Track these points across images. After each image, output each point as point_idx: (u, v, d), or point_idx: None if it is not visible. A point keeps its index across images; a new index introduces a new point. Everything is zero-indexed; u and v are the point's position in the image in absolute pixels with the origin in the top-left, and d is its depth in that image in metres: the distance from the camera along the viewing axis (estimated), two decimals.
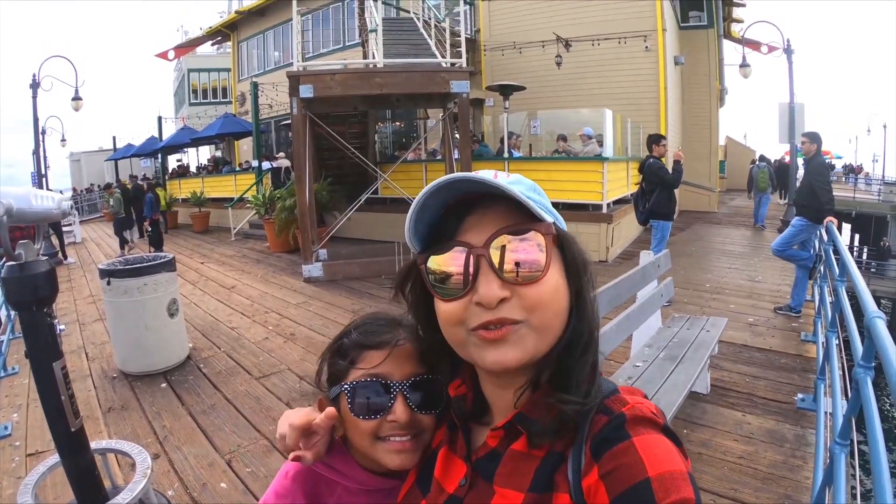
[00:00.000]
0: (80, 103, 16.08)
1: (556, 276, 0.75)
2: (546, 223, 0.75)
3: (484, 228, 0.76)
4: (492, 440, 0.81)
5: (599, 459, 0.66)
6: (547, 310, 0.74)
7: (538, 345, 0.74)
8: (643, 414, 0.69)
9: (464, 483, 0.81)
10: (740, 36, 15.45)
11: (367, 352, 0.96)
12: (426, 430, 0.94)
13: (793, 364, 5.07)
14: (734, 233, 14.03)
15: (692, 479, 0.63)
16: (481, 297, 0.73)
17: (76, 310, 8.20)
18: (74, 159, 36.24)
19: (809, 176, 6.43)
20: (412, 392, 0.93)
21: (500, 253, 0.73)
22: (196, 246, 14.96)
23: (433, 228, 0.81)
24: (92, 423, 4.32)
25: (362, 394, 0.93)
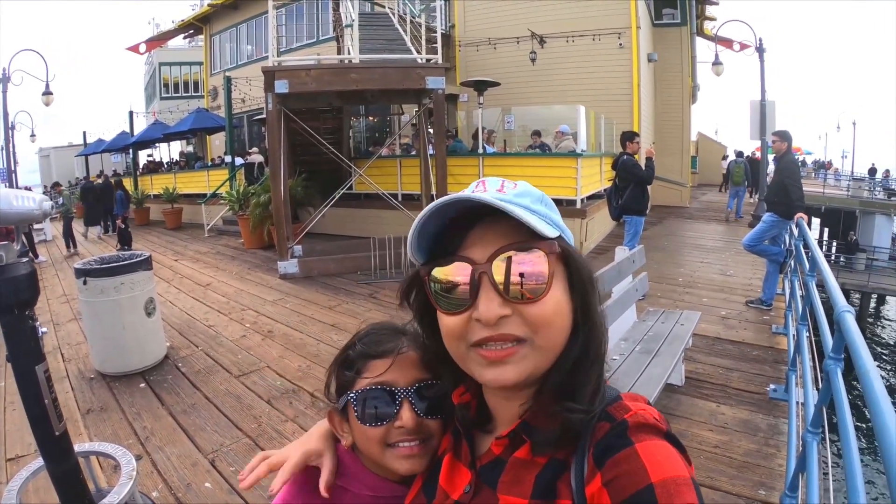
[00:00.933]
0: (51, 98, 15.82)
1: (559, 293, 0.76)
2: (549, 241, 0.75)
3: (487, 244, 0.76)
4: (496, 448, 0.82)
5: (602, 467, 0.67)
6: (550, 328, 0.74)
7: (539, 363, 0.75)
8: (645, 420, 0.70)
9: (468, 490, 0.82)
10: (713, 34, 15.67)
11: (372, 361, 0.98)
12: (433, 434, 0.96)
13: (764, 356, 5.20)
14: (706, 227, 14.25)
15: (695, 485, 0.63)
16: (481, 315, 0.73)
17: (50, 309, 8.07)
18: (44, 155, 35.55)
19: (780, 173, 6.56)
20: (417, 397, 0.95)
21: (502, 270, 0.74)
22: (169, 243, 14.78)
23: (437, 239, 0.81)
24: (71, 426, 4.25)
25: (369, 402, 0.96)
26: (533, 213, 0.77)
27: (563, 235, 0.80)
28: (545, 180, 10.83)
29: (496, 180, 0.82)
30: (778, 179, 6.59)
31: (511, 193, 0.78)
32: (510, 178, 0.76)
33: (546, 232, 0.74)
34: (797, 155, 43.69)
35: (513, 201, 0.76)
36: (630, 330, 4.62)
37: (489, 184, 0.81)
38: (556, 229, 0.79)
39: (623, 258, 4.73)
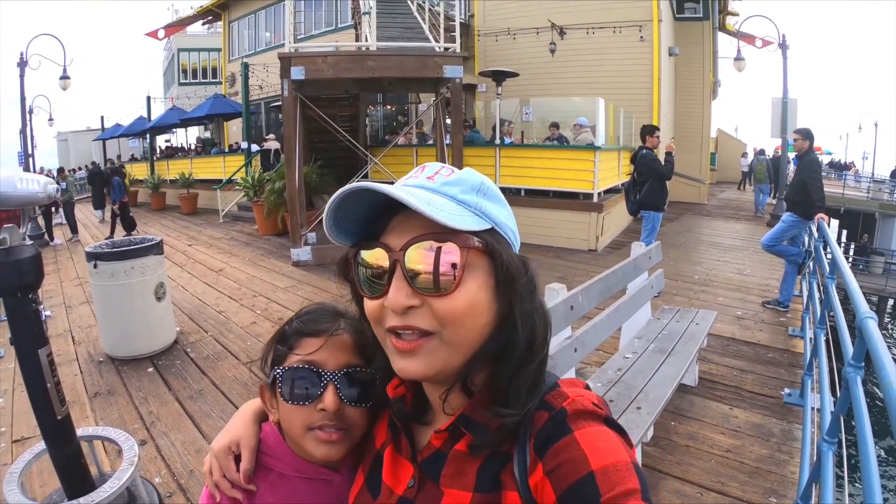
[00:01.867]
0: (69, 82, 15.87)
1: (475, 288, 0.72)
2: (464, 235, 0.71)
3: (404, 232, 0.73)
4: (436, 441, 0.80)
5: (543, 456, 0.67)
6: (459, 324, 0.71)
7: (450, 358, 0.73)
8: (584, 407, 0.69)
9: (412, 484, 0.81)
10: (735, 29, 15.46)
11: (305, 339, 0.96)
12: (355, 424, 0.94)
13: (780, 358, 5.11)
14: (724, 225, 14.09)
15: (637, 469, 0.63)
16: (389, 302, 0.72)
17: (62, 292, 8.13)
18: (62, 139, 35.83)
19: (801, 172, 6.43)
20: (344, 382, 0.93)
21: (414, 260, 0.71)
22: (184, 228, 14.86)
23: (366, 223, 0.78)
24: (78, 409, 4.28)
25: (295, 380, 0.93)
26: (459, 203, 0.74)
27: (498, 228, 0.77)
28: (562, 173, 10.79)
29: (435, 166, 0.79)
30: (798, 179, 6.46)
31: (440, 181, 0.76)
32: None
33: (458, 224, 0.70)
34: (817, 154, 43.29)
35: (438, 189, 0.74)
36: (644, 328, 4.55)
37: (426, 170, 0.79)
38: (486, 221, 0.75)
39: (639, 254, 4.64)
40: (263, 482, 0.98)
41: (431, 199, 0.71)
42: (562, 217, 10.68)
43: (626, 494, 0.60)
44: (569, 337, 3.01)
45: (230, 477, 0.97)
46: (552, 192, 10.98)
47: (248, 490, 0.96)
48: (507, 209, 0.81)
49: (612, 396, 3.23)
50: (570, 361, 2.93)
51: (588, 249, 10.35)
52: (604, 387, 3.37)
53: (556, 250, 10.28)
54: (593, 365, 4.76)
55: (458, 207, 0.73)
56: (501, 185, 11.40)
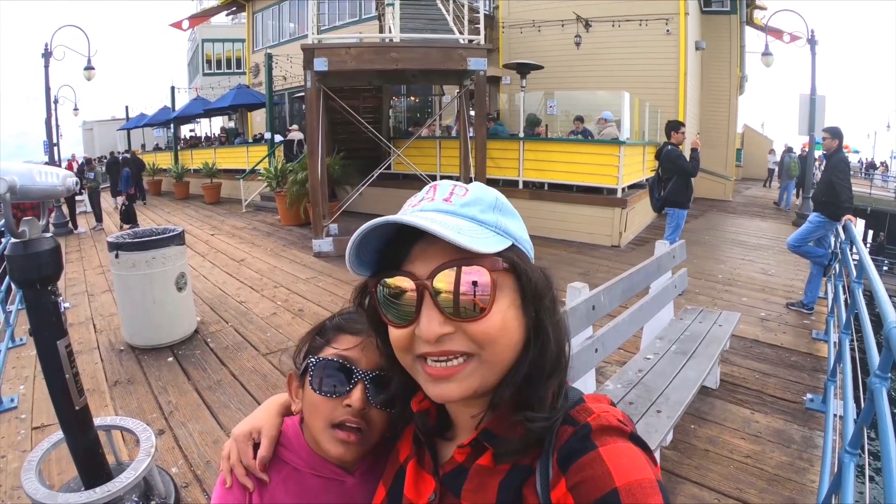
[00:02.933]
0: (93, 73, 16.01)
1: (506, 308, 0.72)
2: (492, 258, 0.71)
3: (429, 259, 0.73)
4: (459, 455, 0.80)
5: (567, 471, 0.66)
6: (496, 345, 0.72)
7: (486, 379, 0.73)
8: (609, 423, 0.69)
9: (433, 498, 0.81)
10: (763, 23, 15.17)
11: (343, 335, 0.99)
12: (375, 427, 0.96)
13: (803, 363, 5.01)
14: (749, 223, 13.89)
15: (661, 487, 0.62)
16: (422, 332, 0.71)
17: (85, 280, 8.23)
18: (87, 128, 36.29)
19: (829, 172, 6.29)
20: (373, 383, 0.94)
21: (443, 287, 0.71)
22: (207, 217, 14.99)
23: (384, 251, 0.78)
24: (98, 397, 4.34)
25: (326, 372, 0.96)
26: (481, 224, 0.74)
27: (518, 244, 0.77)
28: (586, 167, 10.72)
29: (447, 186, 0.79)
30: (826, 178, 6.33)
31: (458, 203, 0.75)
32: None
33: (485, 248, 0.70)
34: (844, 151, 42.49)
35: (458, 212, 0.74)
36: (666, 328, 4.49)
37: (439, 190, 0.78)
38: (508, 238, 0.76)
39: (663, 253, 4.58)
40: (277, 475, 1.00)
41: (456, 225, 0.71)
42: (585, 212, 10.60)
43: None
44: (590, 337, 2.98)
45: (246, 462, 0.99)
46: (575, 187, 10.89)
47: (261, 479, 0.98)
48: (520, 221, 0.81)
49: (632, 399, 3.19)
50: (591, 362, 2.90)
51: (611, 245, 10.27)
52: (624, 388, 3.33)
53: (579, 245, 10.22)
54: (613, 364, 4.72)
55: (480, 229, 0.73)
56: (525, 178, 11.36)
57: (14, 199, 2.07)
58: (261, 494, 0.99)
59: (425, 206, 0.76)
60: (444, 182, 0.80)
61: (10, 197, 2.04)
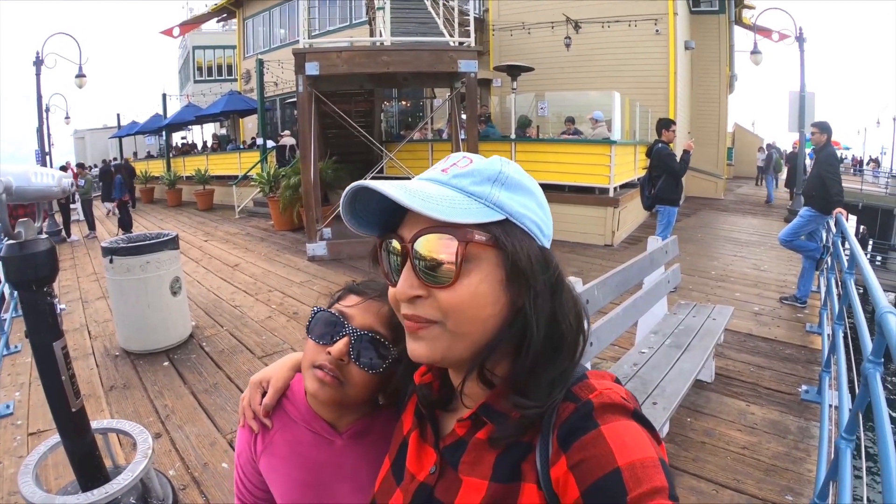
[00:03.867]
0: (84, 81, 15.95)
1: (477, 281, 0.72)
2: (464, 229, 0.71)
3: (415, 224, 0.75)
4: (459, 429, 0.81)
5: (568, 450, 0.65)
6: (461, 315, 0.72)
7: (451, 347, 0.74)
8: (612, 400, 0.68)
9: (434, 471, 0.81)
10: (752, 22, 15.25)
11: (351, 295, 1.06)
12: (353, 384, 1.00)
13: (797, 355, 5.04)
14: (741, 220, 13.95)
15: (664, 466, 0.62)
16: (397, 291, 0.75)
17: (79, 287, 8.21)
18: (79, 137, 36.09)
19: (819, 166, 6.33)
20: (358, 341, 0.99)
21: (418, 251, 0.73)
22: (200, 224, 14.94)
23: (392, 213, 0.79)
24: (94, 402, 4.33)
25: (321, 320, 1.02)
26: (469, 195, 0.73)
27: (515, 219, 0.74)
28: (578, 167, 10.74)
29: (454, 157, 0.80)
30: (816, 173, 6.37)
31: (453, 172, 0.76)
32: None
33: (456, 218, 0.70)
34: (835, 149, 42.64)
35: (447, 182, 0.75)
36: (660, 323, 4.52)
37: (446, 161, 0.80)
38: (499, 212, 0.74)
39: (655, 248, 4.60)
40: (279, 423, 1.09)
41: (439, 194, 0.72)
42: (577, 212, 10.61)
43: (652, 492, 0.58)
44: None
45: (253, 407, 1.09)
46: (568, 187, 10.91)
47: (264, 424, 1.08)
48: (533, 198, 0.78)
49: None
50: (586, 356, 2.91)
51: (604, 244, 10.30)
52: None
53: (572, 245, 10.24)
54: (609, 360, 4.73)
55: (466, 199, 0.72)
56: None
57: (10, 201, 2.07)
58: (263, 438, 1.09)
59: (427, 174, 0.78)
60: (455, 154, 0.80)
61: (5, 198, 2.04)
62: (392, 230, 0.79)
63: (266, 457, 1.08)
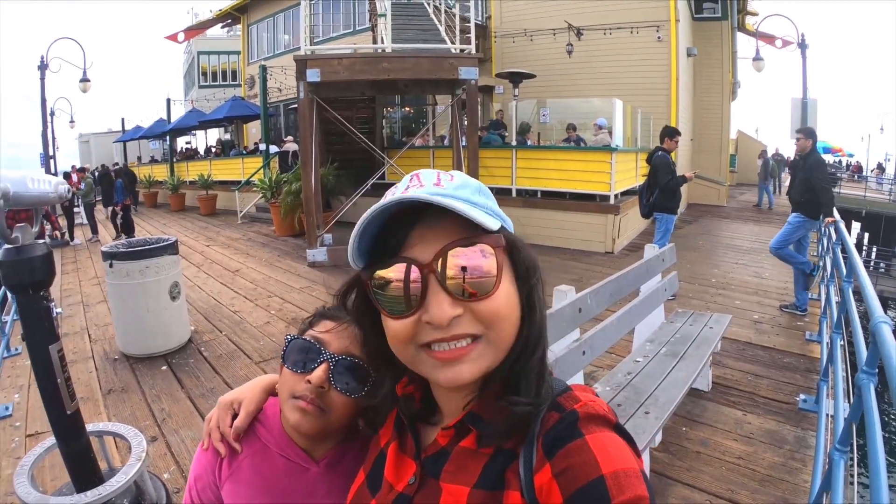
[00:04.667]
0: (89, 85, 16.09)
1: (508, 285, 0.73)
2: (495, 235, 0.72)
3: (431, 242, 0.72)
4: (442, 439, 0.80)
5: (552, 457, 0.66)
6: (504, 322, 0.72)
7: (496, 357, 0.73)
8: (595, 412, 0.69)
9: (413, 481, 0.81)
10: (754, 29, 15.29)
11: (324, 320, 1.04)
12: (334, 409, 0.98)
13: (796, 364, 5.02)
14: (743, 227, 13.92)
15: (645, 477, 0.63)
16: (432, 318, 0.70)
17: (81, 291, 8.24)
18: (83, 140, 36.18)
19: (807, 172, 6.33)
20: (337, 367, 0.97)
21: (449, 269, 0.70)
22: (202, 228, 14.99)
23: (376, 241, 0.77)
24: (92, 405, 4.35)
25: (298, 349, 1.00)
26: (474, 205, 0.74)
27: (505, 225, 0.78)
28: (579, 174, 10.74)
29: (431, 173, 0.78)
30: (803, 178, 6.38)
31: (450, 186, 0.75)
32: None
33: (490, 225, 0.71)
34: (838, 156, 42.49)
35: (453, 195, 0.73)
36: (657, 331, 4.50)
37: (424, 177, 0.77)
38: (498, 219, 0.76)
39: (652, 256, 4.59)
40: (249, 448, 1.05)
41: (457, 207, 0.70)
42: (578, 219, 10.61)
43: (635, 501, 0.59)
44: (577, 339, 2.99)
45: (222, 429, 1.05)
46: (569, 194, 10.91)
47: (233, 448, 1.04)
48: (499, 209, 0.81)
49: (620, 401, 3.20)
50: (578, 364, 2.90)
51: (605, 252, 10.29)
52: (612, 391, 3.34)
53: (573, 252, 10.23)
54: (604, 368, 4.72)
55: (477, 209, 0.73)
56: (518, 186, 11.39)
57: (8, 206, 2.08)
58: (230, 462, 1.04)
59: (413, 192, 0.73)
60: (426, 171, 0.79)
61: (3, 203, 2.05)
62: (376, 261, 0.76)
63: (231, 483, 1.03)
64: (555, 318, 2.79)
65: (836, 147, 40.99)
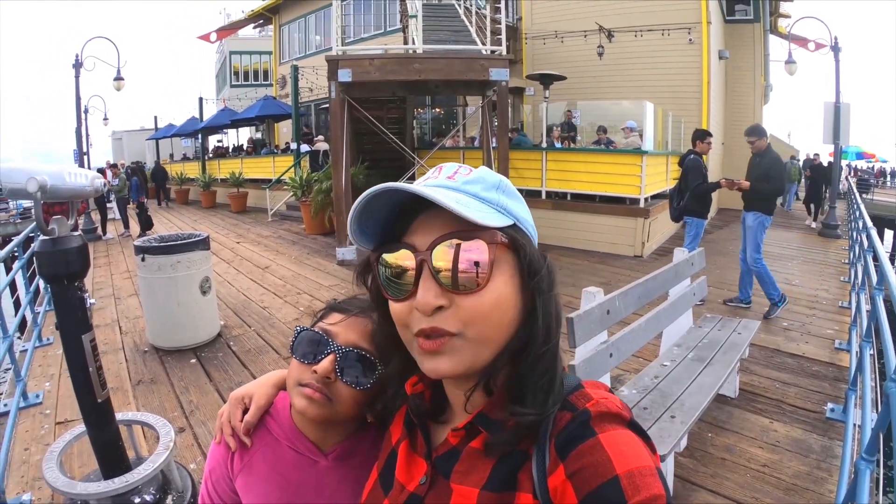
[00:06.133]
0: (122, 83, 16.32)
1: (501, 285, 0.72)
2: (491, 231, 0.71)
3: (430, 231, 0.73)
4: (453, 438, 0.80)
5: (565, 458, 0.65)
6: (484, 322, 0.71)
7: (477, 355, 0.73)
8: (608, 409, 0.68)
9: (424, 481, 0.81)
10: (787, 31, 15.04)
11: (333, 313, 1.06)
12: (341, 400, 0.99)
13: (825, 372, 4.94)
14: (773, 233, 13.63)
15: (661, 475, 0.62)
16: (418, 303, 0.71)
17: (112, 284, 8.41)
18: (116, 138, 36.77)
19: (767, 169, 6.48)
20: (344, 358, 0.98)
21: (441, 259, 0.71)
22: (233, 226, 15.19)
23: (387, 225, 0.79)
24: (121, 395, 4.44)
25: (306, 340, 1.02)
26: (482, 200, 0.74)
27: (520, 224, 0.77)
28: (609, 177, 10.66)
29: (452, 166, 0.79)
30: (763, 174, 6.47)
31: (461, 180, 0.76)
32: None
33: (485, 221, 0.70)
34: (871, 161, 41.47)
35: (460, 188, 0.74)
36: (685, 336, 4.47)
37: (444, 169, 0.79)
38: (509, 217, 0.75)
39: (681, 260, 4.56)
40: (260, 441, 1.07)
41: (457, 198, 0.71)
42: (607, 222, 10.55)
43: (651, 500, 0.59)
44: (604, 342, 2.99)
45: (233, 423, 1.07)
46: (598, 197, 10.85)
47: (243, 442, 1.06)
48: (525, 206, 0.81)
49: (647, 404, 3.19)
50: (605, 367, 2.91)
51: (633, 255, 10.21)
52: (639, 394, 3.33)
53: (601, 255, 10.17)
54: (631, 372, 4.70)
55: (481, 205, 0.73)
56: (547, 189, 11.35)
57: (45, 199, 2.16)
58: (241, 456, 1.06)
59: (430, 182, 0.77)
60: (450, 164, 0.81)
61: (40, 196, 2.13)
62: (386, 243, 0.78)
63: (244, 476, 1.06)
64: (583, 319, 2.80)
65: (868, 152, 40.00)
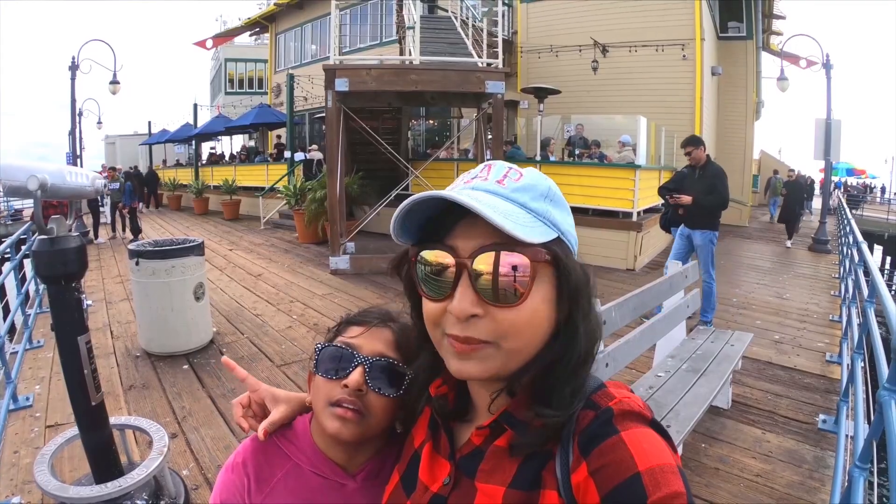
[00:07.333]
0: (118, 87, 16.31)
1: (539, 300, 0.72)
2: (536, 248, 0.71)
3: (473, 237, 0.73)
4: (476, 438, 0.80)
5: (588, 456, 0.66)
6: (518, 336, 0.72)
7: (506, 364, 0.73)
8: (630, 408, 0.69)
9: (447, 482, 0.81)
10: (779, 49, 15.23)
11: (352, 326, 1.05)
12: (373, 413, 0.97)
13: (816, 384, 4.98)
14: (764, 248, 13.79)
15: (682, 473, 0.62)
16: (453, 308, 0.71)
17: (104, 288, 8.37)
18: (109, 142, 36.61)
19: (712, 180, 6.37)
20: (373, 368, 0.97)
21: (482, 268, 0.71)
22: (225, 233, 15.13)
23: (430, 221, 0.78)
24: (112, 400, 4.40)
25: (330, 355, 1.01)
26: (530, 211, 0.74)
27: (564, 238, 0.77)
28: (602, 191, 10.71)
29: (502, 167, 0.79)
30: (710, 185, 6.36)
31: (511, 186, 0.75)
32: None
33: (530, 238, 0.70)
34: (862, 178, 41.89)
35: (509, 196, 0.74)
36: (678, 347, 4.49)
37: (493, 171, 0.78)
38: (554, 230, 0.75)
39: (675, 272, 4.59)
40: (279, 468, 1.03)
41: (505, 209, 0.71)
42: (600, 235, 10.57)
43: (672, 497, 0.59)
44: (601, 352, 3.00)
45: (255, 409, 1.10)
46: (591, 210, 10.90)
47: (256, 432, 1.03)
48: (570, 215, 0.82)
49: None
50: (602, 377, 2.89)
51: (626, 269, 10.24)
52: None
53: (594, 269, 10.14)
54: (624, 383, 4.70)
55: (528, 217, 0.73)
56: None
57: (44, 197, 2.16)
58: (260, 485, 1.02)
59: (477, 184, 0.75)
60: (499, 163, 0.80)
61: (40, 194, 2.13)
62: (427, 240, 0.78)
63: None
64: None
65: (859, 169, 40.43)
